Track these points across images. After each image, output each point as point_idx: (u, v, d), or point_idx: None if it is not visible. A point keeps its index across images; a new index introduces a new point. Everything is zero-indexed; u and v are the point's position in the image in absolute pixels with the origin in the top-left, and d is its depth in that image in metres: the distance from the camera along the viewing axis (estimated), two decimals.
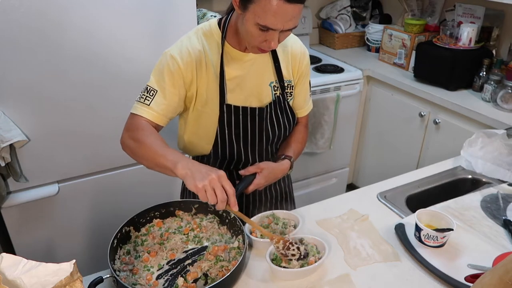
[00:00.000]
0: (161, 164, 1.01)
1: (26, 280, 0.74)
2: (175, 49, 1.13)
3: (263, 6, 0.95)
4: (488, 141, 1.48)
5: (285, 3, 0.94)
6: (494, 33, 2.25)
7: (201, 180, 0.93)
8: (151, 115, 1.11)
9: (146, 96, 1.12)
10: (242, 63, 1.16)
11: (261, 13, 0.96)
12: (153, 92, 1.11)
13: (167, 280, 0.99)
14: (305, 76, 1.28)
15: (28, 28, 1.42)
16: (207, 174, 0.94)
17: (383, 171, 2.55)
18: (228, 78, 1.15)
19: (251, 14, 0.98)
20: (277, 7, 0.94)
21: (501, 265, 0.67)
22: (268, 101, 1.21)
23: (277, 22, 0.97)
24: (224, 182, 0.95)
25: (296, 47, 1.24)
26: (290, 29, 1.01)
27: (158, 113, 1.11)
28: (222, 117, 1.17)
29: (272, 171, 1.17)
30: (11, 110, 1.51)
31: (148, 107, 1.11)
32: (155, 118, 1.12)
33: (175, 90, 1.12)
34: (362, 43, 2.92)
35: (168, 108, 1.13)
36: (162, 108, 1.12)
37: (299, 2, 0.97)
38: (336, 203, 1.31)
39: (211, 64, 1.14)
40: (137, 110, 1.12)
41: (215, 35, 1.15)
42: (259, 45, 1.05)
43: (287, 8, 0.95)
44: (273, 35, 1.01)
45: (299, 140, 1.32)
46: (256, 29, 1.00)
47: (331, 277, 1.02)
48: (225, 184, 0.95)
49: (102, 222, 1.84)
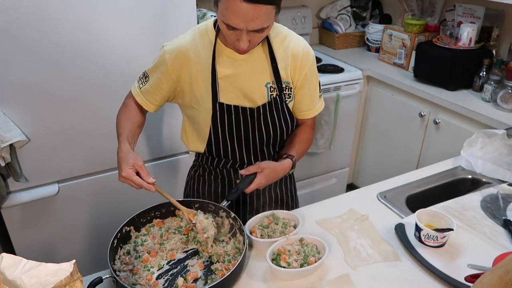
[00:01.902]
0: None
1: (26, 280, 0.74)
2: (170, 43, 1.18)
3: (225, 5, 0.97)
4: (488, 141, 1.48)
5: (243, 2, 0.94)
6: (494, 33, 2.25)
7: (120, 178, 1.04)
8: (140, 100, 1.22)
9: (142, 80, 1.23)
10: (234, 62, 1.16)
11: (224, 12, 0.99)
12: (147, 78, 1.21)
13: (167, 280, 0.99)
14: (311, 77, 1.24)
15: (28, 28, 1.43)
16: (119, 173, 1.04)
17: (383, 171, 2.55)
18: (220, 77, 1.16)
19: (219, 12, 1.01)
20: (237, 6, 0.95)
21: (501, 265, 0.67)
22: (262, 101, 1.20)
23: (239, 22, 0.98)
24: (138, 168, 1.04)
25: (298, 48, 1.21)
26: (257, 29, 1.01)
27: (147, 99, 1.22)
28: (215, 115, 1.18)
29: (273, 171, 1.17)
30: (11, 110, 1.51)
31: (140, 91, 1.22)
32: (143, 103, 1.22)
33: (163, 81, 1.19)
34: (362, 43, 2.92)
35: (155, 97, 1.21)
36: (149, 96, 1.21)
37: (261, 3, 0.96)
38: (336, 203, 1.31)
39: (204, 62, 1.15)
40: (133, 89, 1.25)
41: (210, 34, 1.16)
42: (233, 44, 1.08)
43: (246, 8, 0.95)
44: (240, 34, 1.02)
45: (304, 140, 1.29)
46: (225, 27, 1.02)
47: (331, 277, 1.02)
48: (133, 170, 1.03)
49: (102, 222, 1.84)
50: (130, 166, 1.03)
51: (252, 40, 1.04)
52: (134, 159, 1.04)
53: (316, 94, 1.29)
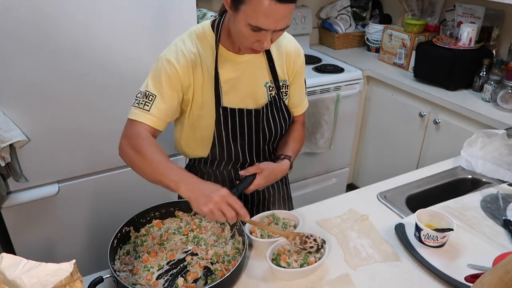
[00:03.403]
0: (162, 182, 1.00)
1: (26, 280, 0.74)
2: (169, 53, 1.11)
3: (254, 6, 0.95)
4: (488, 141, 1.48)
5: (276, 3, 0.93)
6: (494, 33, 2.25)
7: (205, 205, 0.93)
8: (151, 121, 1.08)
9: (145, 102, 1.09)
10: (236, 65, 1.16)
11: (252, 14, 0.96)
12: (152, 97, 1.09)
13: (167, 280, 0.99)
14: (300, 75, 1.27)
15: (28, 28, 1.42)
16: (210, 197, 0.94)
17: (383, 171, 2.55)
18: (223, 81, 1.15)
19: (243, 14, 0.98)
20: (269, 7, 0.94)
21: (501, 265, 0.67)
22: (263, 101, 1.20)
23: (269, 23, 0.97)
24: (229, 200, 0.95)
25: (290, 46, 1.23)
26: (282, 29, 1.01)
27: (158, 118, 1.09)
28: (218, 120, 1.16)
29: (272, 172, 1.17)
30: (11, 110, 1.51)
31: (148, 113, 1.08)
32: (155, 124, 1.09)
33: (173, 94, 1.11)
34: (362, 43, 2.92)
35: (168, 112, 1.11)
36: (162, 113, 1.10)
37: (291, 2, 0.96)
38: (336, 203, 1.31)
39: (206, 66, 1.13)
40: (136, 116, 1.09)
41: (209, 37, 1.14)
42: (251, 46, 1.05)
43: (278, 8, 0.95)
44: (265, 35, 1.01)
45: (297, 139, 1.32)
46: (248, 29, 0.99)
47: (331, 277, 1.02)
48: (231, 201, 0.95)
49: (102, 222, 1.84)
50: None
51: (272, 39, 1.04)
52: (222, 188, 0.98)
53: (303, 91, 1.32)
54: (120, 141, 1.10)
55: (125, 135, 1.09)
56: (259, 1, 0.93)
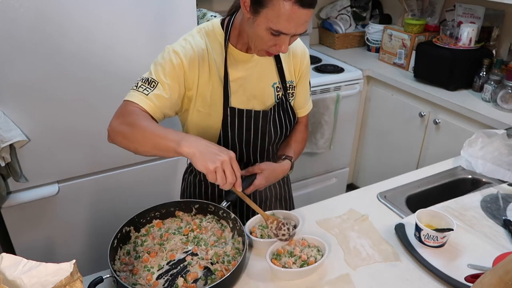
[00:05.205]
0: (161, 145, 0.94)
1: (26, 280, 0.73)
2: (178, 45, 1.10)
3: (276, 11, 0.94)
4: (488, 141, 1.48)
5: (299, 8, 0.93)
6: (494, 33, 2.25)
7: (213, 162, 0.90)
8: (148, 105, 1.03)
9: (145, 87, 1.04)
10: (245, 65, 1.16)
11: (274, 18, 0.95)
12: (154, 83, 1.05)
13: (167, 280, 0.99)
14: (305, 76, 1.28)
15: (28, 28, 1.43)
16: (218, 156, 0.91)
17: (383, 171, 2.55)
18: (231, 80, 1.14)
19: (263, 18, 0.97)
20: (292, 12, 0.94)
21: (501, 265, 0.67)
22: (271, 102, 1.20)
23: (290, 27, 0.97)
24: (233, 163, 0.94)
25: (297, 47, 1.24)
26: (302, 33, 1.01)
27: (155, 104, 1.04)
28: (225, 120, 1.15)
29: (273, 172, 1.17)
30: (11, 110, 1.51)
31: (146, 97, 1.03)
32: (151, 109, 1.03)
33: (175, 85, 1.07)
34: (362, 43, 2.92)
35: (166, 103, 1.06)
36: (160, 101, 1.05)
37: (312, 7, 0.96)
38: (336, 203, 1.31)
39: (214, 64, 1.12)
40: (133, 97, 1.03)
41: (218, 35, 1.13)
42: (268, 49, 1.04)
43: (301, 13, 0.95)
44: (284, 39, 1.00)
45: (299, 140, 1.32)
46: (268, 33, 0.99)
47: (331, 277, 1.02)
48: (234, 166, 0.94)
49: (102, 222, 1.84)
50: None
51: (290, 43, 1.04)
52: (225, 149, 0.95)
53: (308, 92, 1.32)
54: (111, 123, 1.02)
55: (117, 115, 1.03)
56: (282, 5, 0.93)
